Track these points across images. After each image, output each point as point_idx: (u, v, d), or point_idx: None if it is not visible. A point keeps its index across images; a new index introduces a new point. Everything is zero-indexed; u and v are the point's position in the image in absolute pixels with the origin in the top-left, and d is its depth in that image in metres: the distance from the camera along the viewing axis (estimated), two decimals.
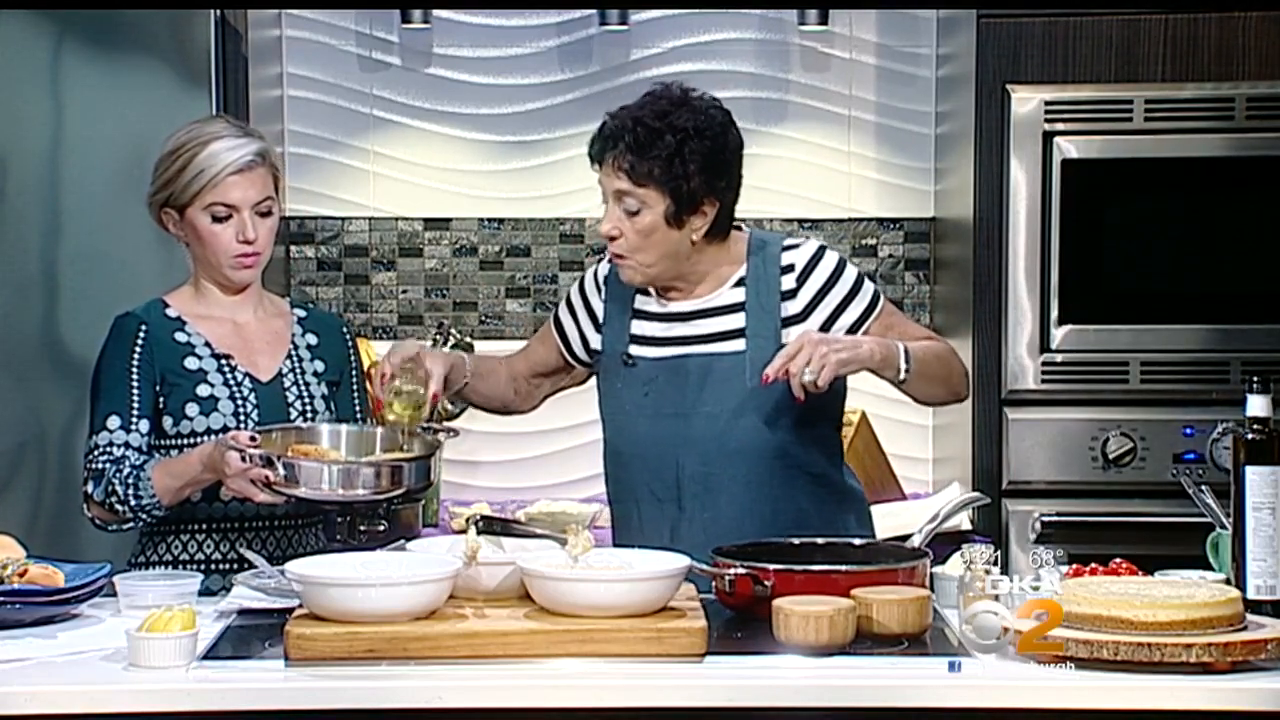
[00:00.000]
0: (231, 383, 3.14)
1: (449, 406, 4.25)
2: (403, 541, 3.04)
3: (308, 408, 3.19)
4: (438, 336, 4.25)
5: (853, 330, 3.16)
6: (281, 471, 2.91)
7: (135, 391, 3.11)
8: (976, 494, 3.29)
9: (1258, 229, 3.95)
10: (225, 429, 3.10)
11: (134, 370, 3.11)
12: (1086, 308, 3.99)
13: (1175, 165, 3.95)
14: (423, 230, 4.59)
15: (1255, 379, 2.81)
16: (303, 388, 3.21)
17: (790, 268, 3.19)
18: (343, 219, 4.58)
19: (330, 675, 2.55)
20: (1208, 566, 2.96)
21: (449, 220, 4.58)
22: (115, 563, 2.99)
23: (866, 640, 2.66)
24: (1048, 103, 3.95)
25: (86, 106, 3.83)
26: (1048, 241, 3.97)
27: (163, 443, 3.12)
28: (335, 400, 3.25)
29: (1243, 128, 3.93)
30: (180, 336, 3.15)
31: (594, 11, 4.48)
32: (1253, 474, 2.76)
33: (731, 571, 2.78)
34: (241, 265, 3.14)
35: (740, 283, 3.19)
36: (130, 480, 3.03)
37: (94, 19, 3.82)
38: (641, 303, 3.25)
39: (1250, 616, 2.65)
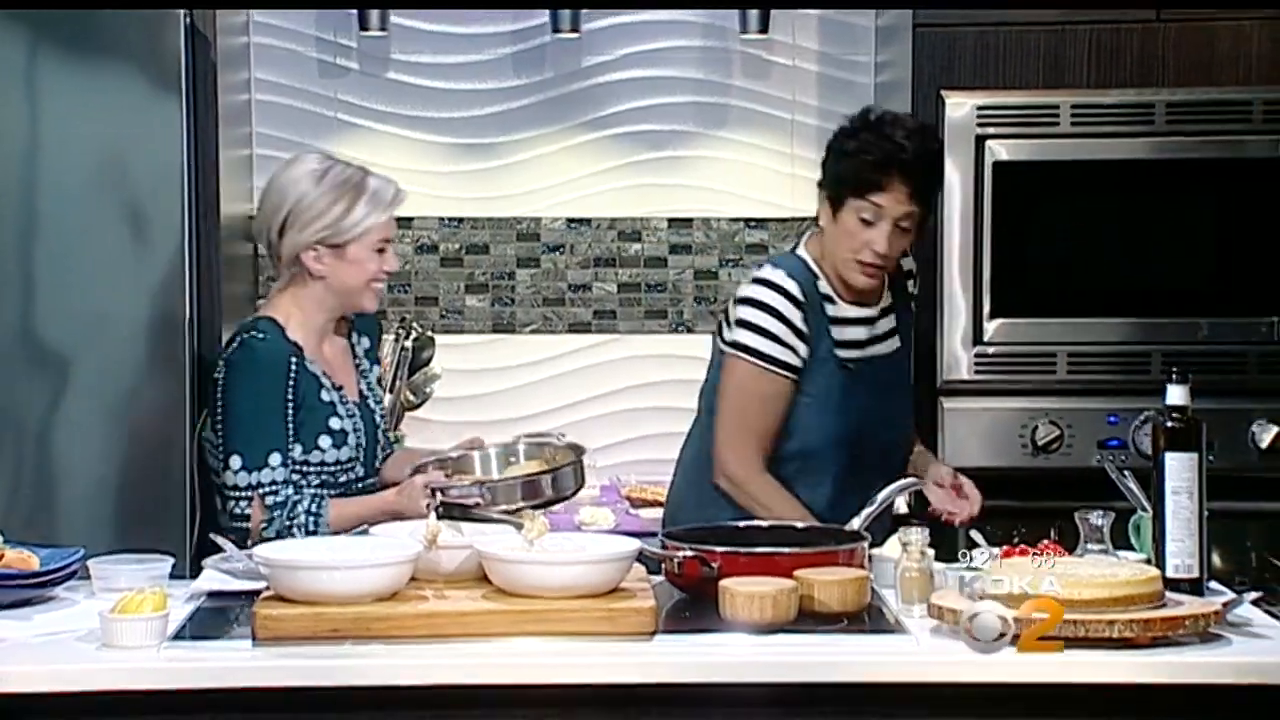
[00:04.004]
0: (350, 414, 3.18)
1: (410, 398, 4.24)
2: (365, 526, 3.04)
3: (383, 420, 3.24)
4: (400, 331, 4.24)
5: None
6: (487, 497, 3.02)
7: (290, 425, 3.09)
8: (913, 479, 3.31)
9: (1177, 228, 3.98)
10: (351, 460, 3.14)
11: (289, 404, 3.09)
12: (1017, 302, 4.00)
13: (1099, 167, 3.96)
14: None
15: (1175, 370, 2.84)
16: (376, 400, 3.25)
17: (910, 274, 3.52)
18: None
19: (296, 654, 2.54)
20: (1130, 547, 2.98)
21: (410, 219, 4.56)
22: (89, 548, 2.97)
23: (808, 618, 2.67)
24: (980, 108, 3.97)
25: (62, 111, 3.79)
26: (980, 239, 3.99)
27: (292, 466, 3.11)
28: None
29: (1162, 132, 3.95)
30: (312, 368, 3.13)
31: (546, 20, 4.46)
32: (1172, 460, 2.78)
33: (680, 554, 2.79)
34: (377, 294, 3.21)
35: (888, 286, 3.44)
36: (309, 526, 3.05)
37: (68, 26, 3.78)
38: (831, 310, 3.36)
39: (1169, 594, 2.67)
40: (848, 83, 4.52)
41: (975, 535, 3.07)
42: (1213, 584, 2.86)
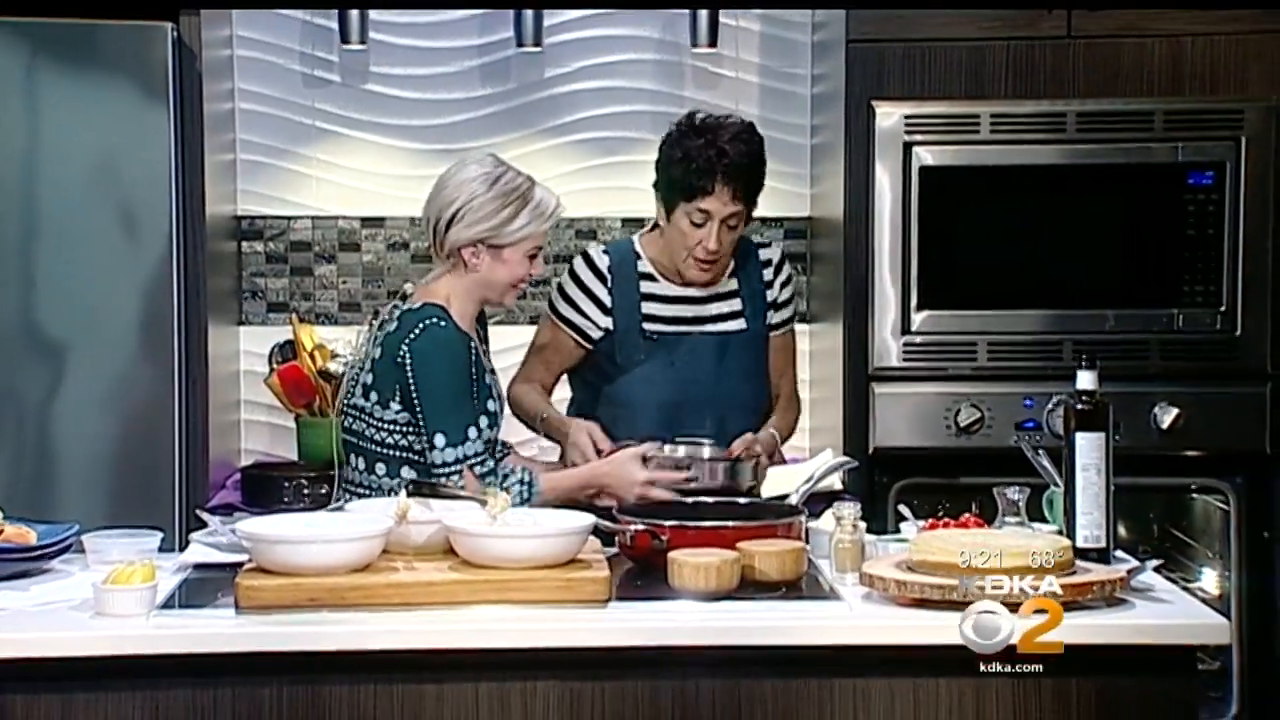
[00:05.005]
0: (500, 396, 3.14)
1: None
2: (342, 503, 3.01)
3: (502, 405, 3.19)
4: (373, 321, 4.19)
5: (771, 328, 3.50)
6: (693, 473, 3.06)
7: (475, 402, 3.05)
8: (846, 458, 3.30)
9: (1087, 227, 3.99)
10: (496, 439, 3.11)
11: (474, 384, 3.05)
12: (941, 295, 4.00)
13: (1016, 171, 3.97)
14: (360, 228, 4.53)
15: (1084, 357, 2.85)
16: (498, 382, 3.19)
17: (768, 262, 3.51)
18: (289, 218, 4.52)
19: (276, 621, 2.52)
20: (1044, 519, 2.98)
21: (383, 219, 4.53)
22: (83, 524, 2.93)
23: (750, 587, 2.66)
24: (907, 117, 3.96)
25: (58, 119, 3.76)
26: (908, 237, 3.98)
27: None
28: None
29: (1073, 139, 3.96)
30: (477, 352, 3.10)
31: (511, 35, 4.44)
32: (1081, 439, 2.79)
33: (632, 527, 2.78)
34: (518, 294, 3.18)
35: (734, 274, 3.47)
36: (524, 495, 3.01)
37: (64, 41, 3.75)
38: (649, 288, 3.43)
39: (1079, 563, 2.67)
40: (787, 93, 4.51)
41: (903, 509, 3.07)
42: (1118, 553, 2.87)
